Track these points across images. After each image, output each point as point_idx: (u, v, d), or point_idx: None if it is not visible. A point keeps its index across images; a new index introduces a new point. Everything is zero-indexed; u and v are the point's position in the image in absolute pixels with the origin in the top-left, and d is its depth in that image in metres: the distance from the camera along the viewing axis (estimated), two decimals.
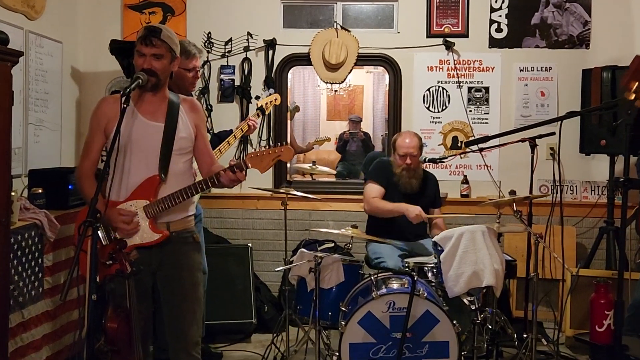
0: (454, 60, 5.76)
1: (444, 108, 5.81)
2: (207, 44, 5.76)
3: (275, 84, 5.77)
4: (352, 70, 5.83)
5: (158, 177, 3.17)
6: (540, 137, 4.35)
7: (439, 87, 5.80)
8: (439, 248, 4.15)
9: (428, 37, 5.77)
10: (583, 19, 5.68)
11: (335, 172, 7.94)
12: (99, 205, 2.81)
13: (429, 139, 5.78)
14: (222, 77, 5.80)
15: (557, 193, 4.20)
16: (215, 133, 4.76)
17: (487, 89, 5.77)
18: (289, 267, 4.40)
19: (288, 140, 6.01)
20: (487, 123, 5.77)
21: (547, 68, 5.73)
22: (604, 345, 4.57)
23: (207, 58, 5.75)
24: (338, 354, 3.86)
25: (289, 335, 4.52)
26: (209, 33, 5.80)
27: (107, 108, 3.23)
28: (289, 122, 6.14)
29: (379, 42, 5.78)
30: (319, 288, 4.13)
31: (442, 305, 3.92)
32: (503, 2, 5.72)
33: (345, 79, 5.99)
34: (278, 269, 4.63)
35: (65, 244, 4.21)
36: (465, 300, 4.12)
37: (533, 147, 4.32)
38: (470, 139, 5.38)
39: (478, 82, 5.78)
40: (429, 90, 5.81)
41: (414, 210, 4.69)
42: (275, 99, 5.22)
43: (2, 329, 3.51)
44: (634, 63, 3.37)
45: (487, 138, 4.58)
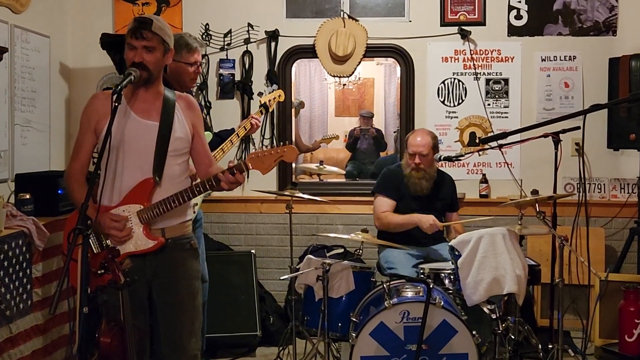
0: (471, 50, 5.74)
1: (460, 102, 5.79)
2: (204, 37, 5.76)
3: (279, 79, 5.77)
4: (360, 63, 5.82)
5: (152, 179, 3.16)
6: (565, 131, 4.32)
7: (455, 79, 5.78)
8: (456, 253, 4.13)
9: (442, 25, 5.75)
10: (609, 4, 5.65)
11: (345, 171, 7.92)
12: (90, 211, 2.81)
13: (445, 136, 5.76)
14: (221, 71, 5.80)
15: (583, 192, 4.17)
16: (216, 133, 4.76)
17: (506, 81, 5.75)
18: (295, 275, 4.40)
19: (293, 139, 6.01)
20: (507, 117, 5.74)
21: (571, 57, 5.70)
22: (634, 357, 4.55)
23: (204, 51, 5.75)
24: None
25: (296, 349, 4.52)
26: (207, 25, 5.80)
27: (98, 105, 3.22)
28: (294, 119, 6.14)
29: (389, 31, 5.77)
30: (328, 297, 4.13)
31: (460, 315, 3.90)
32: None
33: (354, 72, 5.99)
34: (283, 277, 4.63)
35: (55, 253, 4.21)
36: (485, 309, 4.10)
37: (557, 142, 4.30)
38: (487, 136, 5.36)
39: (497, 73, 5.75)
40: (444, 83, 5.79)
41: (427, 220, 4.66)
42: (279, 96, 5.22)
43: None
44: None
45: (505, 134, 4.55)
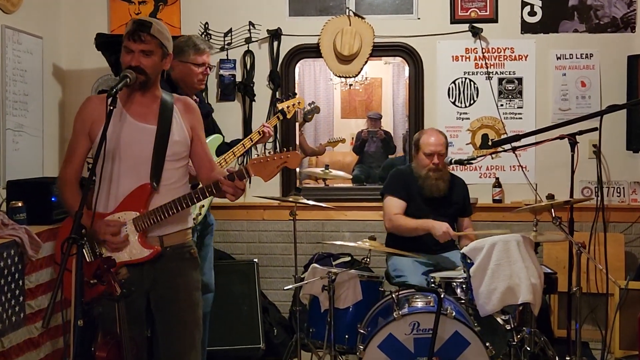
0: (482, 49, 5.75)
1: (472, 102, 5.80)
2: (204, 36, 5.77)
3: (281, 79, 5.79)
4: (367, 62, 5.83)
5: (149, 185, 3.17)
6: (581, 133, 4.30)
7: (466, 79, 5.79)
8: (469, 261, 4.13)
9: (452, 22, 5.76)
10: None
11: (352, 176, 7.92)
12: (84, 219, 2.81)
13: (456, 138, 5.77)
14: (221, 72, 5.81)
15: (601, 196, 4.16)
16: (228, 143, 4.76)
17: (520, 80, 5.76)
18: (300, 284, 4.40)
19: (297, 144, 6.01)
20: (520, 118, 5.75)
21: (587, 55, 5.70)
22: None
23: (212, 53, 5.73)
24: None
25: None
26: (206, 24, 5.82)
27: (92, 108, 3.24)
28: (300, 123, 6.13)
29: (397, 29, 5.78)
30: (334, 308, 4.13)
31: (472, 326, 3.90)
32: None
33: (360, 72, 5.99)
34: (287, 288, 4.63)
35: (49, 264, 4.22)
36: (500, 320, 4.10)
37: (573, 144, 4.27)
38: (499, 139, 5.35)
39: (510, 72, 5.76)
40: (455, 83, 5.79)
41: (441, 228, 4.66)
42: (299, 102, 5.19)
43: None
44: None
45: (519, 136, 4.54)
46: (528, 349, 4.21)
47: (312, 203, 4.78)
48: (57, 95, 5.72)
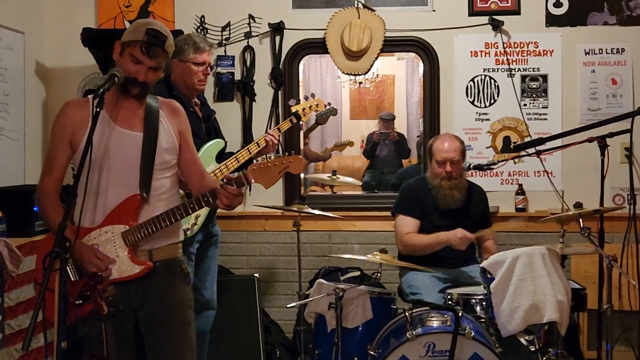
0: (504, 43, 5.74)
1: (493, 102, 5.79)
2: (200, 31, 5.79)
3: (284, 77, 5.79)
4: (377, 58, 5.83)
5: (139, 196, 3.18)
6: (612, 135, 4.30)
7: (486, 76, 5.78)
8: (489, 276, 4.12)
9: (470, 15, 5.76)
10: None
11: (361, 182, 7.91)
12: (68, 232, 2.79)
13: (475, 141, 5.76)
14: (219, 70, 5.82)
15: (634, 204, 4.15)
16: (234, 153, 4.77)
17: (545, 78, 5.75)
18: (305, 302, 4.40)
19: (301, 147, 6.01)
20: (545, 119, 5.73)
21: (618, 50, 5.69)
22: None
23: (214, 51, 5.73)
24: None
25: None
26: (202, 17, 5.83)
27: (72, 114, 3.24)
28: (312, 127, 6.13)
29: (410, 22, 5.77)
30: (342, 327, 4.12)
31: (494, 347, 3.89)
32: None
33: (370, 69, 5.99)
34: (291, 305, 4.61)
35: (31, 279, 4.22)
36: (523, 340, 4.09)
37: (603, 148, 4.28)
38: (522, 142, 5.35)
39: (534, 69, 5.75)
40: (473, 81, 5.79)
41: (456, 235, 4.64)
42: (317, 104, 5.19)
43: None
44: None
45: (542, 140, 4.54)
46: None
47: (317, 213, 4.78)
48: (40, 95, 5.74)
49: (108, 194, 3.20)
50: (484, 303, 4.25)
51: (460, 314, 3.86)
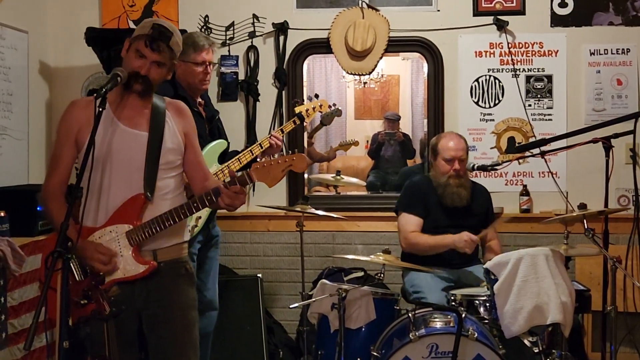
0: (508, 43, 5.74)
1: (497, 102, 5.79)
2: (204, 30, 5.79)
3: (288, 77, 5.79)
4: (382, 58, 5.83)
5: (143, 196, 3.18)
6: (617, 136, 4.30)
7: (490, 76, 5.78)
8: (492, 277, 4.10)
9: (475, 15, 5.76)
10: None
11: (366, 183, 7.92)
12: (71, 232, 2.81)
13: (479, 141, 5.76)
14: (222, 70, 5.82)
15: (639, 205, 4.15)
16: (238, 152, 4.76)
17: (549, 78, 5.74)
18: (308, 302, 4.40)
19: (305, 147, 6.01)
20: (550, 120, 5.73)
21: (624, 50, 5.68)
22: None
23: (214, 50, 5.73)
24: None
25: None
26: (206, 17, 5.84)
27: (78, 113, 3.25)
28: (317, 127, 6.12)
29: (415, 22, 5.77)
30: (345, 328, 4.12)
31: (497, 348, 3.88)
32: None
33: (374, 69, 5.98)
34: (294, 306, 4.62)
35: (34, 279, 4.23)
36: (527, 342, 4.07)
37: (608, 148, 4.27)
38: (528, 142, 5.34)
39: (538, 69, 5.75)
40: (478, 81, 5.79)
41: (461, 238, 4.63)
42: (321, 105, 5.17)
43: None
44: None
45: (544, 141, 4.53)
46: None
47: (321, 213, 4.77)
48: (44, 95, 5.75)
49: (111, 194, 3.20)
50: (488, 304, 4.23)
51: (464, 315, 3.85)
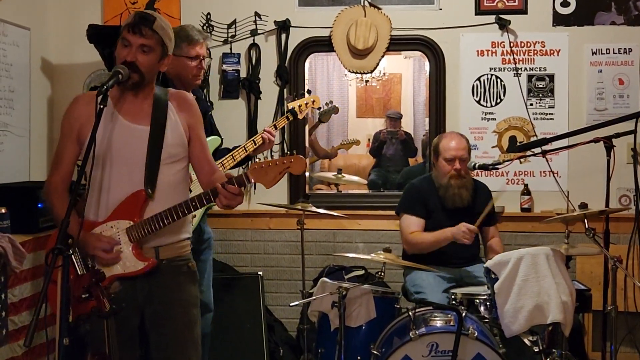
0: (510, 42, 5.73)
1: (499, 101, 5.78)
2: (206, 28, 5.78)
3: (290, 75, 5.78)
4: (383, 57, 5.83)
5: (144, 192, 3.18)
6: (618, 135, 4.28)
7: (492, 75, 5.77)
8: (493, 276, 4.11)
9: (477, 14, 5.75)
10: None
11: (367, 181, 7.92)
12: (72, 227, 2.80)
13: (480, 140, 5.75)
14: (224, 67, 5.81)
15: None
16: (230, 149, 4.75)
17: (551, 77, 5.74)
18: (308, 300, 4.40)
19: (306, 146, 6.00)
20: (552, 119, 5.72)
21: (626, 50, 5.67)
22: None
23: (208, 45, 5.73)
24: None
25: None
26: (208, 14, 5.83)
27: (81, 108, 3.25)
28: (315, 125, 6.11)
29: (417, 21, 5.77)
30: (345, 327, 4.12)
31: (497, 348, 3.89)
32: None
33: (376, 68, 5.98)
34: (294, 304, 4.62)
35: (35, 276, 4.24)
36: (527, 341, 4.08)
37: (609, 148, 4.26)
38: (529, 141, 5.34)
39: (540, 68, 5.74)
40: (480, 80, 5.78)
41: (459, 229, 4.63)
42: (314, 101, 5.15)
43: None
44: None
45: (547, 140, 4.52)
46: None
47: (322, 211, 4.77)
48: (45, 92, 5.75)
49: (112, 189, 3.20)
50: (488, 303, 4.24)
51: (464, 314, 3.86)
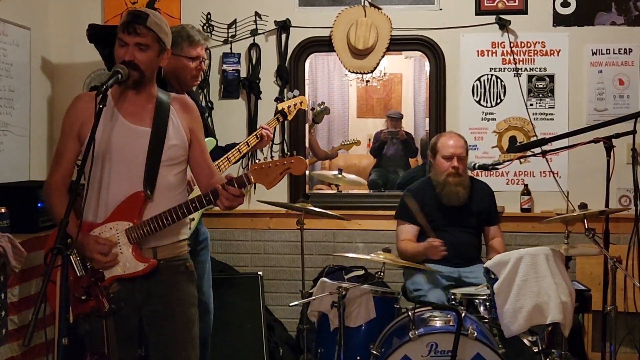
0: (510, 43, 5.73)
1: (499, 102, 5.78)
2: (206, 28, 5.79)
3: (290, 75, 5.78)
4: (383, 57, 5.83)
5: (143, 193, 3.18)
6: (618, 136, 4.28)
7: (492, 75, 5.77)
8: (492, 276, 4.11)
9: (477, 14, 5.75)
10: None
11: (368, 181, 7.92)
12: (71, 228, 2.81)
13: (480, 140, 5.75)
14: (224, 67, 5.81)
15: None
16: (222, 147, 4.75)
17: (551, 78, 5.73)
18: (308, 300, 4.39)
19: (306, 146, 5.99)
20: (552, 119, 5.72)
21: (626, 50, 5.67)
22: None
23: (208, 46, 5.73)
24: None
25: None
26: (209, 14, 5.83)
27: (82, 107, 3.25)
28: (310, 125, 6.09)
29: (417, 21, 5.76)
30: (344, 327, 4.12)
31: (496, 348, 3.88)
32: None
33: (376, 68, 5.97)
34: (294, 304, 4.61)
35: (34, 275, 4.24)
36: (526, 341, 4.08)
37: (609, 148, 4.27)
38: (529, 141, 5.33)
39: (540, 68, 5.73)
40: (480, 80, 5.78)
41: (430, 246, 4.62)
42: (301, 102, 5.16)
43: None
44: None
45: (546, 140, 4.52)
46: None
47: (321, 211, 4.77)
48: (45, 91, 5.75)
49: (111, 190, 3.20)
50: (488, 303, 4.24)
51: (463, 314, 3.85)
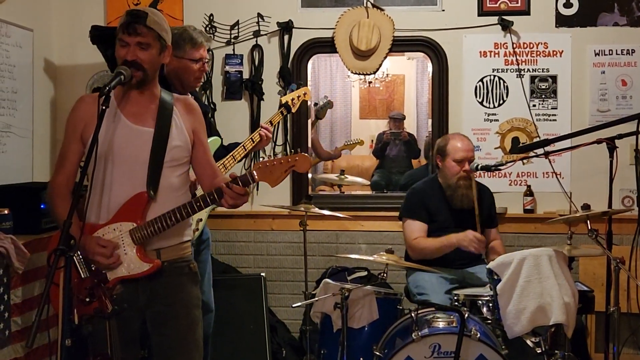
0: (513, 44, 5.72)
1: (502, 102, 5.77)
2: (208, 29, 5.79)
3: (293, 76, 5.78)
4: (386, 58, 5.82)
5: (146, 194, 3.18)
6: (621, 136, 4.27)
7: (495, 76, 5.76)
8: (495, 277, 4.10)
9: (480, 15, 5.74)
10: None
11: (370, 182, 7.91)
12: (74, 229, 2.81)
13: (483, 141, 5.74)
14: (227, 68, 5.82)
15: None
16: (225, 146, 4.75)
17: (554, 78, 5.73)
18: (311, 302, 4.39)
19: (309, 145, 6.00)
20: (555, 120, 5.71)
21: (629, 51, 5.66)
22: None
23: (210, 47, 5.74)
24: None
25: None
26: (211, 15, 5.83)
27: (85, 109, 3.25)
28: (313, 121, 6.09)
29: (420, 22, 5.76)
30: (347, 328, 4.12)
31: (499, 349, 3.88)
32: None
33: (379, 69, 5.97)
34: (296, 305, 4.61)
35: (37, 277, 4.24)
36: (529, 342, 4.07)
37: (612, 149, 4.26)
38: (532, 142, 5.32)
39: (543, 69, 5.73)
40: (482, 81, 5.77)
41: (466, 236, 4.62)
42: (305, 94, 5.15)
43: None
44: None
45: (548, 141, 4.51)
46: None
47: (325, 212, 4.76)
48: (48, 93, 5.75)
49: (114, 190, 3.20)
50: (491, 304, 4.24)
51: (467, 315, 3.85)
